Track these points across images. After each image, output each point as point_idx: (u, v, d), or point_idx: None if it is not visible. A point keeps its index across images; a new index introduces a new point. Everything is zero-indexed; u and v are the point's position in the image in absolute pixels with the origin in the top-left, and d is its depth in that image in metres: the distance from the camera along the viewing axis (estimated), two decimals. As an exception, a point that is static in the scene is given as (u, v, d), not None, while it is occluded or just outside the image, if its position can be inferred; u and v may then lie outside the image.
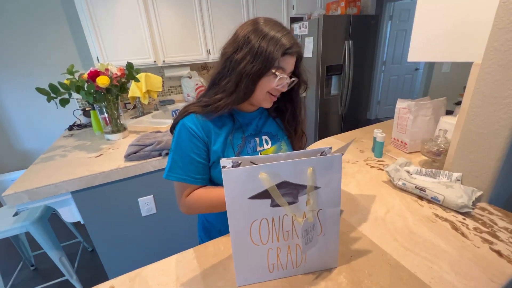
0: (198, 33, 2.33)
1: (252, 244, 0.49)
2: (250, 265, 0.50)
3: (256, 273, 0.51)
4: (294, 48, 0.58)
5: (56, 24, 2.15)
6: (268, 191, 0.45)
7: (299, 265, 0.52)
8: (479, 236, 0.60)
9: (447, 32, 0.81)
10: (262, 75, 0.57)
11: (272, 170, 0.45)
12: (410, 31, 0.87)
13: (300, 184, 0.47)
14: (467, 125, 0.72)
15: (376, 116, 4.30)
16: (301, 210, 0.48)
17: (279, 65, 0.58)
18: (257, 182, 0.45)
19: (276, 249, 0.50)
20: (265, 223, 0.48)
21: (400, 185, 0.79)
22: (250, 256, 0.49)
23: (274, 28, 0.57)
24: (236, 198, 0.45)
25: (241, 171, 0.44)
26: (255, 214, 0.47)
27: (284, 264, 0.52)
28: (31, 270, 1.67)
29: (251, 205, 0.46)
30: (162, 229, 1.33)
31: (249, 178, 0.44)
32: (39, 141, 2.34)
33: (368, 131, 1.34)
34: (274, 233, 0.49)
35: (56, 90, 1.25)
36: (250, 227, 0.48)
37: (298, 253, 0.51)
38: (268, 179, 0.45)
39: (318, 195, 0.48)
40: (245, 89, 0.58)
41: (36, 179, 1.05)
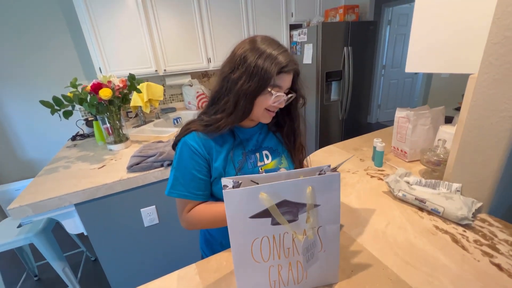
0: (198, 42, 2.36)
1: (254, 261, 0.49)
2: (252, 282, 0.51)
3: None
4: (290, 66, 0.59)
5: (58, 34, 2.18)
6: (269, 210, 0.46)
7: (300, 282, 0.53)
8: (479, 249, 0.60)
9: (444, 43, 0.82)
10: (258, 94, 0.59)
11: (272, 190, 0.46)
12: (409, 35, 0.88)
13: (299, 202, 0.48)
14: (465, 137, 0.73)
15: (377, 119, 4.31)
16: (301, 228, 0.49)
17: (274, 83, 0.59)
18: (258, 201, 0.46)
19: (278, 266, 0.51)
20: (266, 240, 0.49)
21: (400, 196, 0.80)
22: (251, 273, 0.50)
23: (270, 47, 0.58)
24: (237, 218, 0.46)
25: (242, 192, 0.45)
26: (256, 232, 0.48)
27: (286, 281, 0.52)
28: (35, 280, 1.68)
29: (252, 224, 0.47)
30: (164, 239, 1.33)
31: (250, 198, 0.45)
32: (42, 151, 2.36)
33: (368, 139, 1.35)
34: (275, 250, 0.50)
35: (59, 103, 1.27)
36: (251, 245, 0.48)
37: (299, 270, 0.52)
38: (268, 199, 0.46)
39: (317, 212, 0.49)
40: (243, 108, 0.60)
41: (40, 192, 1.06)
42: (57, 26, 2.17)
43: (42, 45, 2.16)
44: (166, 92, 2.66)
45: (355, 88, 2.81)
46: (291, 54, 0.61)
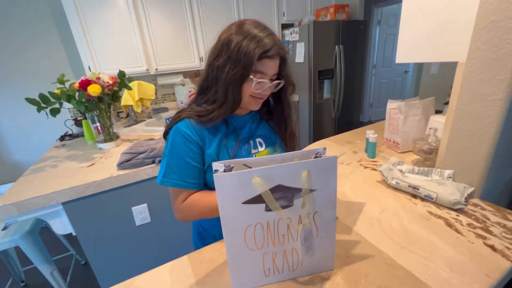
0: (190, 41, 2.35)
1: (247, 249, 0.48)
2: (246, 270, 0.50)
3: (252, 278, 0.50)
4: (273, 51, 0.56)
5: (46, 33, 2.14)
6: (262, 196, 0.45)
7: (296, 269, 0.52)
8: (472, 232, 0.60)
9: (432, 33, 0.83)
10: (243, 81, 0.58)
11: (266, 174, 0.44)
12: (398, 35, 0.89)
13: (295, 187, 0.46)
14: (456, 123, 0.74)
15: (369, 118, 4.36)
16: (296, 214, 0.48)
17: (256, 70, 0.57)
18: (251, 186, 0.44)
19: (272, 254, 0.49)
20: (259, 227, 0.47)
21: (394, 184, 0.80)
22: (245, 261, 0.49)
23: (255, 29, 0.56)
24: (229, 204, 0.44)
25: (234, 176, 0.43)
26: (249, 219, 0.46)
27: (280, 268, 0.51)
28: (21, 286, 1.61)
29: (244, 210, 0.45)
30: (157, 238, 1.30)
31: (242, 182, 0.43)
32: (29, 153, 2.29)
33: (361, 132, 1.36)
34: (269, 238, 0.48)
35: (46, 100, 1.23)
36: (244, 232, 0.47)
37: (295, 257, 0.51)
38: (262, 183, 0.44)
39: (314, 198, 0.47)
40: (233, 97, 0.59)
41: (26, 191, 1.02)
42: (45, 25, 2.12)
43: (30, 44, 2.11)
44: (158, 92, 2.63)
45: (347, 87, 2.84)
46: (277, 39, 0.58)
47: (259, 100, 0.63)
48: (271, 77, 0.60)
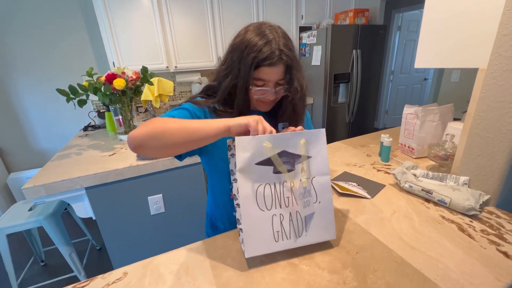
0: (209, 41, 2.42)
1: (259, 209, 0.53)
2: (258, 233, 0.54)
3: (263, 242, 0.54)
4: (269, 60, 0.56)
5: (75, 30, 2.27)
6: (271, 159, 0.52)
7: (301, 235, 0.57)
8: (486, 238, 0.60)
9: (453, 39, 0.83)
10: (246, 89, 0.60)
11: (274, 140, 0.52)
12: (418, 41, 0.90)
13: (296, 153, 0.54)
14: (474, 129, 0.73)
15: (384, 125, 4.28)
16: (298, 177, 0.55)
17: (257, 77, 0.59)
18: (263, 150, 0.52)
19: (279, 216, 0.55)
20: (268, 188, 0.54)
21: (407, 188, 0.80)
22: (257, 223, 0.53)
23: (252, 41, 0.57)
24: (246, 163, 0.51)
25: (251, 139, 0.50)
26: (260, 179, 0.53)
27: (288, 233, 0.56)
28: (41, 265, 1.71)
29: (257, 171, 0.52)
30: (169, 229, 1.35)
31: (257, 146, 0.51)
32: (54, 142, 2.43)
33: (376, 136, 1.35)
34: (276, 199, 0.55)
35: (75, 91, 1.31)
36: (256, 192, 0.53)
37: (299, 221, 0.56)
38: (271, 147, 0.52)
39: (310, 163, 0.56)
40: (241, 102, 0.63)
41: (53, 174, 1.10)
42: (75, 22, 2.25)
43: (59, 40, 2.25)
44: (175, 89, 2.71)
45: (362, 92, 2.81)
46: (280, 44, 0.57)
47: (265, 104, 0.65)
48: (277, 81, 0.61)
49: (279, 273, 0.53)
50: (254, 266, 0.55)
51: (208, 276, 0.54)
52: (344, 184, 0.87)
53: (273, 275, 0.53)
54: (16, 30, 2.12)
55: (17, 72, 2.20)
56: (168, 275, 0.55)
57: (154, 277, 0.55)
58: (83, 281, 0.55)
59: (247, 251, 0.53)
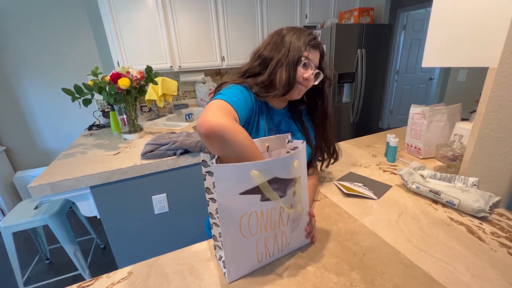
0: (213, 40, 2.41)
1: (242, 237, 0.49)
2: (241, 258, 0.51)
3: (246, 265, 0.52)
4: (315, 41, 0.67)
5: (80, 28, 2.29)
6: (260, 187, 0.46)
7: (283, 249, 0.56)
8: (496, 241, 0.59)
9: (462, 37, 0.81)
10: (297, 63, 0.65)
11: (264, 167, 0.46)
12: (424, 41, 0.88)
13: (288, 178, 0.49)
14: (484, 129, 0.72)
15: (389, 125, 4.25)
16: (288, 202, 0.52)
17: (305, 55, 0.66)
18: (248, 178, 0.45)
19: (264, 239, 0.52)
20: (254, 216, 0.48)
21: (414, 189, 0.79)
22: (240, 249, 0.50)
23: (299, 29, 0.69)
24: (227, 194, 0.45)
25: (233, 168, 0.44)
26: (245, 208, 0.47)
27: (271, 252, 0.54)
28: (46, 263, 1.73)
29: (241, 200, 0.46)
30: (173, 228, 1.35)
31: (241, 174, 0.45)
32: (59, 141, 2.45)
33: (381, 136, 1.34)
34: (263, 225, 0.50)
35: (80, 91, 1.32)
36: (240, 220, 0.48)
37: (284, 239, 0.55)
38: (260, 176, 0.46)
39: (300, 183, 0.53)
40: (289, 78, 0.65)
41: (58, 173, 1.10)
42: (79, 21, 2.27)
43: (65, 39, 2.27)
44: (179, 89, 2.72)
45: (367, 91, 2.79)
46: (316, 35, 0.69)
47: (303, 88, 0.70)
48: (313, 67, 0.68)
49: (285, 274, 0.53)
50: (260, 267, 0.55)
51: (213, 276, 0.54)
52: (349, 184, 0.86)
53: (279, 276, 0.52)
54: (21, 31, 2.14)
55: (23, 72, 2.22)
56: (173, 275, 0.55)
57: (158, 277, 0.55)
58: (88, 280, 0.55)
59: (230, 276, 0.51)
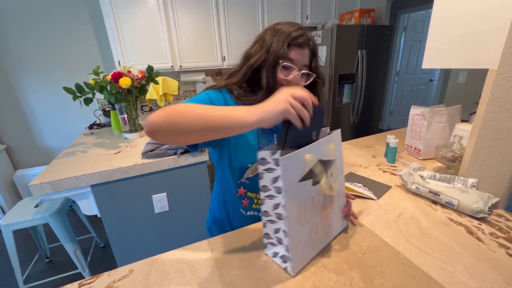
0: (214, 40, 2.42)
1: (302, 226, 0.52)
2: (301, 249, 0.53)
3: (305, 254, 0.54)
4: (301, 39, 0.60)
5: (81, 28, 2.29)
6: (313, 169, 0.50)
7: (329, 234, 0.60)
8: (495, 241, 0.59)
9: (462, 39, 0.82)
10: (275, 66, 0.61)
11: (311, 151, 0.49)
12: (424, 42, 0.89)
13: (327, 160, 0.54)
14: (483, 131, 0.72)
15: (389, 126, 4.25)
16: (328, 183, 0.55)
17: (285, 56, 0.60)
18: (303, 163, 0.49)
19: (316, 225, 0.55)
20: (308, 203, 0.52)
21: (414, 189, 0.79)
22: (300, 239, 0.52)
23: (288, 26, 0.62)
24: (291, 184, 0.47)
25: (295, 155, 0.46)
26: (303, 195, 0.51)
27: (321, 238, 0.57)
28: (46, 262, 1.73)
29: (300, 188, 0.50)
30: (173, 227, 1.36)
31: (299, 160, 0.47)
32: (59, 140, 2.45)
33: (381, 137, 1.34)
34: (313, 210, 0.53)
35: (81, 90, 1.32)
36: (300, 210, 0.51)
37: (329, 223, 0.58)
38: (313, 158, 0.50)
39: (337, 166, 0.57)
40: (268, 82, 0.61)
41: (59, 171, 1.11)
42: (81, 21, 2.27)
43: (66, 38, 2.27)
44: (180, 88, 2.72)
45: (367, 92, 2.80)
46: (309, 33, 0.62)
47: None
48: (300, 67, 0.63)
49: (285, 274, 0.53)
50: (261, 266, 0.55)
51: (214, 275, 0.54)
52: (349, 185, 0.86)
53: (279, 275, 0.53)
54: (23, 30, 2.14)
55: (23, 71, 2.23)
56: (173, 273, 0.55)
57: (159, 275, 0.55)
58: (89, 277, 0.55)
59: (294, 269, 0.52)
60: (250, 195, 0.73)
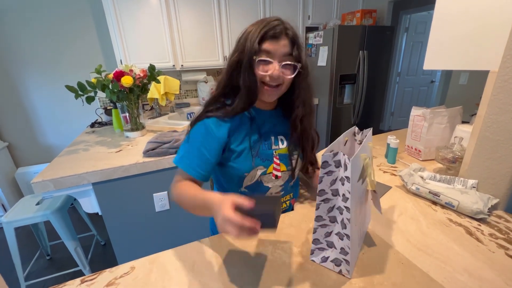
0: (216, 40, 2.42)
1: (354, 226, 0.50)
2: (354, 249, 0.52)
3: (355, 255, 0.54)
4: (274, 30, 0.57)
5: (85, 27, 2.30)
6: (364, 167, 0.51)
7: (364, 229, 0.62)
8: (494, 242, 0.59)
9: (463, 40, 0.82)
10: (251, 64, 0.59)
11: (363, 151, 0.51)
12: (426, 44, 0.89)
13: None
14: (484, 132, 0.72)
15: (389, 127, 4.25)
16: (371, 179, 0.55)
17: (261, 49, 0.58)
18: (359, 162, 0.49)
19: (359, 224, 0.54)
20: (358, 202, 0.51)
21: (414, 190, 0.80)
22: (355, 239, 0.52)
23: (261, 22, 0.60)
24: (354, 184, 0.46)
25: (356, 157, 0.46)
26: (358, 194, 0.51)
27: (361, 234, 0.58)
28: (47, 259, 1.74)
29: (358, 187, 0.50)
30: (174, 226, 1.36)
31: (358, 161, 0.47)
32: (61, 137, 2.46)
33: (382, 138, 1.34)
34: (358, 209, 0.52)
35: (83, 88, 1.33)
36: (356, 210, 0.50)
37: (363, 219, 0.59)
38: (365, 156, 0.50)
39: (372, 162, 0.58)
40: (247, 83, 0.60)
41: (61, 169, 1.11)
42: (83, 19, 2.28)
43: (68, 37, 2.28)
44: (181, 88, 2.73)
45: (368, 93, 2.79)
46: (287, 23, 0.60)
47: (269, 89, 0.62)
48: (280, 59, 0.59)
49: (285, 272, 0.53)
50: (261, 265, 0.56)
51: (214, 273, 0.54)
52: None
53: (279, 273, 0.53)
54: (25, 27, 2.15)
55: (26, 69, 2.23)
56: (174, 271, 0.56)
57: (160, 273, 0.55)
58: (91, 274, 0.55)
59: (351, 271, 0.52)
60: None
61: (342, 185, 0.47)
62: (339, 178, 0.47)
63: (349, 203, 0.46)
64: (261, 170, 0.68)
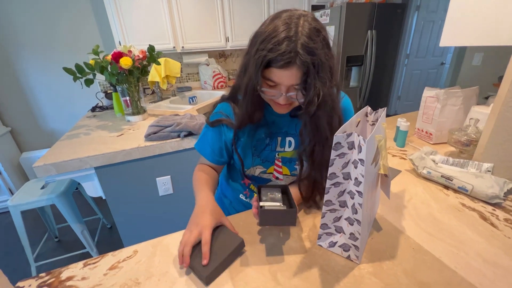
0: (217, 20, 2.32)
1: (366, 210, 0.48)
2: (364, 234, 0.51)
3: (365, 240, 0.52)
4: (282, 60, 0.46)
5: (80, 7, 2.20)
6: (378, 149, 0.48)
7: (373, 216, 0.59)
8: (510, 227, 0.57)
9: (485, 14, 0.75)
10: (254, 88, 0.53)
11: (378, 132, 0.47)
12: (438, 23, 0.82)
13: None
14: (504, 112, 0.68)
15: (395, 111, 4.15)
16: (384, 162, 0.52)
17: (265, 77, 0.52)
18: (374, 144, 0.45)
19: (369, 209, 0.52)
20: (370, 187, 0.49)
21: (425, 174, 0.77)
22: (364, 224, 0.49)
23: (277, 30, 0.47)
24: (367, 167, 0.43)
25: (371, 138, 0.43)
26: (370, 178, 0.48)
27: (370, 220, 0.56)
28: (55, 241, 1.78)
29: (371, 170, 0.47)
30: (178, 210, 1.37)
31: (372, 143, 0.44)
32: (62, 122, 2.44)
33: (391, 121, 1.30)
34: (369, 193, 0.50)
35: (81, 70, 1.29)
36: (368, 194, 0.48)
37: (373, 204, 0.56)
38: (380, 137, 0.47)
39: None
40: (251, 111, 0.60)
41: (63, 153, 1.10)
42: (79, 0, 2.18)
43: (64, 17, 2.19)
44: (182, 71, 2.66)
45: (376, 76, 2.70)
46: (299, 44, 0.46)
47: (281, 106, 0.56)
48: (288, 89, 0.52)
49: (292, 257, 0.52)
50: (267, 249, 0.54)
51: (219, 257, 0.53)
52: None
53: (286, 258, 0.52)
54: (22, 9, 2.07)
55: (24, 52, 2.18)
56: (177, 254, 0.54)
57: (163, 256, 0.54)
58: (94, 257, 0.55)
59: (360, 256, 0.50)
60: (252, 189, 0.74)
61: (355, 168, 0.44)
62: (352, 160, 0.44)
63: (361, 187, 0.44)
64: (260, 169, 0.68)
